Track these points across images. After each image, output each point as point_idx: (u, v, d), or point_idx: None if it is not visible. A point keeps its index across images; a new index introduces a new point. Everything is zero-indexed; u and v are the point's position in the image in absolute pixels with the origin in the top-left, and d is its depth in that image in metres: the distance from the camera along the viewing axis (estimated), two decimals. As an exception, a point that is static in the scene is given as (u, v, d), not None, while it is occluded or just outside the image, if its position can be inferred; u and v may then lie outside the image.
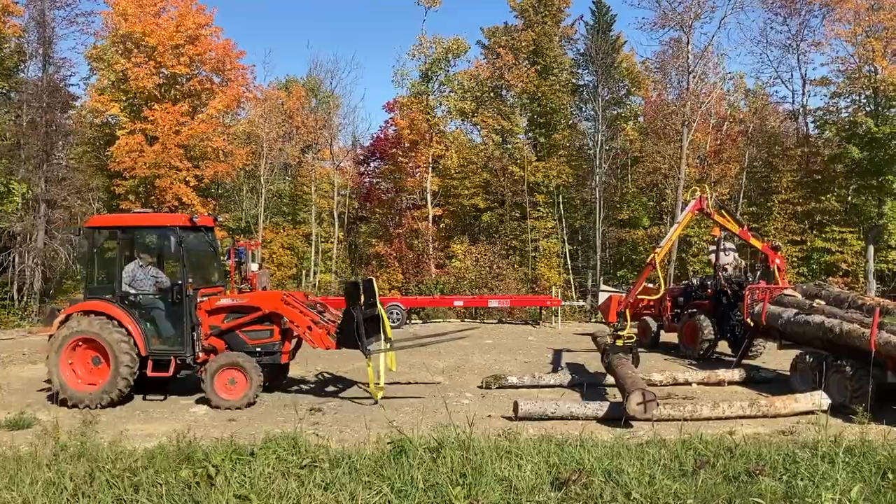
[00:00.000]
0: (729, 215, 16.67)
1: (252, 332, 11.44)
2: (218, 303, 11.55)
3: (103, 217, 13.75)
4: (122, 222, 11.80)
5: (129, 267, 11.29)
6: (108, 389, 10.67)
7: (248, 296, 12.23)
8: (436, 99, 36.81)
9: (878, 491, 6.12)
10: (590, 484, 6.13)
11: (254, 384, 10.82)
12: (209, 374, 10.85)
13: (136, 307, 11.15)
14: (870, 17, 30.90)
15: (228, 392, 10.84)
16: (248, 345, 11.37)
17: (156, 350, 11.05)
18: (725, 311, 16.28)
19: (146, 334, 10.96)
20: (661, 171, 36.72)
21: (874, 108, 31.78)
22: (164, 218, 13.13)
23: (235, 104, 35.00)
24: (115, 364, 10.63)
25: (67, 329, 10.86)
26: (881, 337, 10.22)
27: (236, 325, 11.40)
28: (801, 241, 33.61)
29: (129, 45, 31.26)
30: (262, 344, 11.43)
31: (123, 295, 11.11)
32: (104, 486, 5.92)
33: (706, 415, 10.11)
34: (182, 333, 11.08)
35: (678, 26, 33.91)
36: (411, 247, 36.37)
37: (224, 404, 10.70)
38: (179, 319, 11.09)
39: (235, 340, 11.40)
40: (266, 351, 11.44)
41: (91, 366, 10.95)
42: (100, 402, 10.65)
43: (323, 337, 11.18)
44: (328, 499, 5.69)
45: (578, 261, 39.56)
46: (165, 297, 11.21)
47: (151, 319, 11.20)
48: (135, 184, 30.94)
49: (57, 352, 10.76)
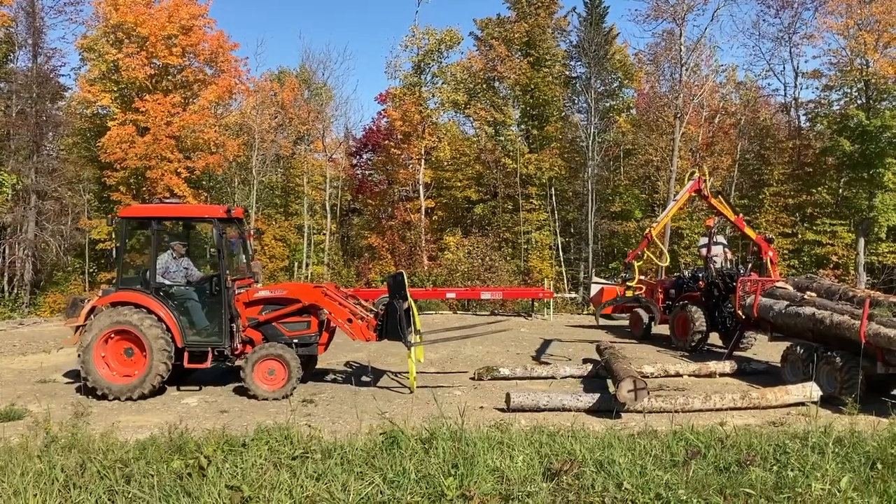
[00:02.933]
0: (725, 202, 16.80)
1: (289, 323, 11.45)
2: (256, 294, 11.53)
3: (138, 207, 13.58)
4: (159, 213, 11.63)
5: (163, 257, 11.24)
6: (143, 381, 10.60)
7: (288, 287, 12.19)
8: (428, 90, 36.78)
9: (868, 481, 6.16)
10: (581, 474, 6.15)
11: (293, 375, 10.83)
12: (249, 365, 10.84)
13: (171, 298, 11.09)
14: (862, 10, 30.99)
15: (268, 382, 10.86)
16: (285, 336, 11.37)
17: (192, 342, 11.00)
18: (717, 303, 16.33)
19: (182, 326, 10.90)
20: (653, 164, 36.82)
21: (865, 101, 31.89)
22: (202, 209, 13.03)
23: (228, 95, 34.87)
24: (151, 356, 10.56)
25: (102, 320, 10.73)
26: (871, 328, 10.27)
27: (274, 317, 11.41)
28: (792, 234, 33.76)
29: (120, 35, 31.09)
30: (299, 336, 11.43)
31: (158, 286, 11.06)
32: (95, 477, 5.90)
33: (698, 406, 10.15)
34: (220, 325, 11.02)
35: (671, 18, 33.98)
36: (404, 239, 36.37)
37: (263, 395, 10.72)
38: (217, 311, 11.04)
39: (272, 332, 11.40)
40: (302, 342, 11.45)
41: (124, 357, 10.84)
42: (134, 394, 10.60)
43: (363, 329, 11.24)
44: (320, 489, 5.69)
45: (570, 253, 39.62)
46: (203, 289, 11.20)
47: (188, 311, 11.15)
48: (126, 175, 30.80)
49: (90, 343, 10.63)
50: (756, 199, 35.45)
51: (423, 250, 35.42)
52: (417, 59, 36.20)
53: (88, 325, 10.83)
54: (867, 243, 31.82)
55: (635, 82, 40.30)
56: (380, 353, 14.33)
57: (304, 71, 44.03)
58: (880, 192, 31.09)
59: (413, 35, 35.98)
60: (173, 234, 12.08)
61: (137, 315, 10.67)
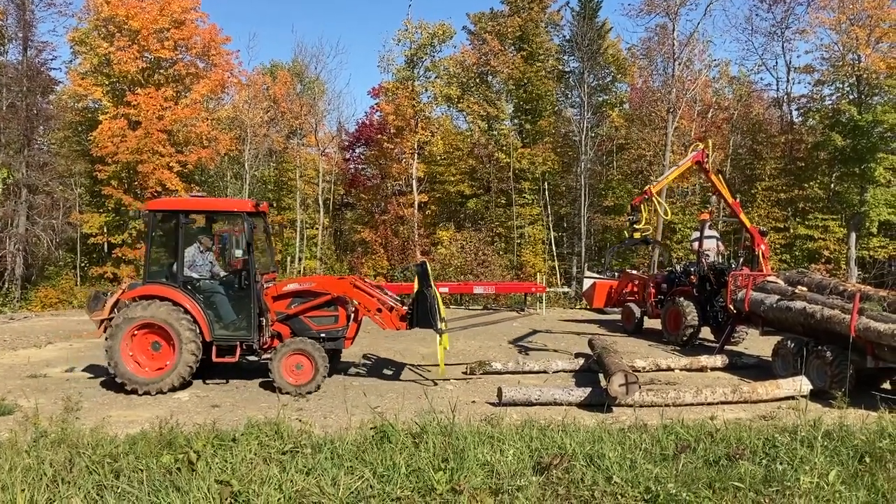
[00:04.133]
0: (725, 182, 16.98)
1: (317, 317, 11.45)
2: (284, 288, 11.53)
3: (166, 200, 13.45)
4: (188, 206, 11.59)
5: (190, 251, 11.20)
6: (171, 375, 10.58)
7: (317, 280, 12.17)
8: (421, 85, 36.70)
9: (856, 474, 6.19)
10: (571, 468, 6.16)
11: (320, 370, 10.85)
12: (277, 359, 10.84)
13: (199, 292, 11.04)
14: (854, 6, 31.05)
15: (295, 377, 10.87)
16: (313, 330, 11.37)
17: (221, 336, 10.96)
18: (708, 297, 16.37)
19: (210, 319, 10.86)
20: (646, 158, 36.85)
21: (857, 96, 31.97)
22: (231, 203, 12.96)
23: (220, 89, 34.73)
24: (180, 350, 10.52)
25: (130, 314, 10.67)
26: (861, 322, 10.32)
27: (302, 311, 11.39)
28: (784, 228, 33.85)
29: (111, 29, 30.90)
30: (326, 329, 11.44)
31: (186, 280, 11.01)
32: (84, 471, 5.89)
33: (689, 401, 10.18)
34: (249, 319, 10.97)
35: (664, 13, 34.03)
36: (396, 233, 36.34)
37: (291, 389, 10.71)
38: (246, 305, 10.98)
39: (300, 326, 11.40)
40: (330, 336, 11.45)
41: (150, 351, 10.79)
42: (163, 388, 10.57)
43: (393, 319, 11.29)
44: (310, 484, 5.69)
45: (563, 247, 39.65)
46: (230, 283, 11.16)
47: (215, 305, 11.10)
48: (117, 169, 30.65)
49: (118, 337, 10.57)
50: (748, 194, 35.51)
51: (415, 245, 35.40)
52: (410, 53, 36.13)
53: (115, 319, 10.77)
54: (858, 238, 31.93)
55: (628, 77, 40.31)
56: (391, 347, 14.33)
57: (296, 65, 43.90)
58: (871, 186, 31.20)
59: (406, 29, 35.92)
60: (199, 228, 12.03)
61: (166, 309, 10.61)
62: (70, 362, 13.25)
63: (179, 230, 11.06)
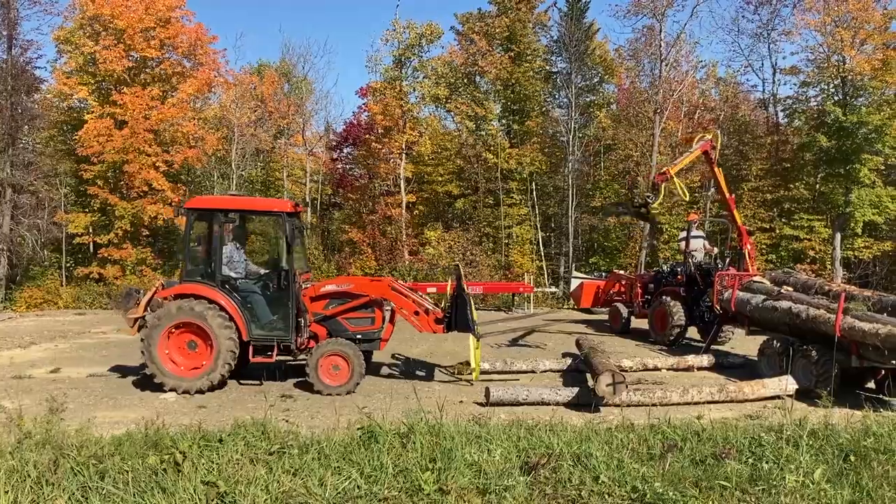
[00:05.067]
0: (723, 177, 17.14)
1: (354, 318, 11.44)
2: (322, 289, 11.51)
3: (205, 199, 13.36)
4: (227, 205, 11.51)
5: (227, 249, 11.18)
6: (209, 375, 10.54)
7: (355, 281, 12.16)
8: (409, 85, 36.63)
9: (841, 473, 6.23)
10: (558, 468, 6.18)
11: (356, 371, 10.86)
12: (314, 360, 10.83)
13: (236, 291, 11.00)
14: (838, 7, 31.25)
15: (332, 378, 10.87)
16: (350, 332, 11.36)
17: (258, 335, 10.92)
18: (695, 297, 16.44)
19: (247, 319, 10.82)
20: (633, 159, 36.97)
21: (842, 97, 32.18)
22: (270, 203, 12.89)
23: (206, 88, 34.52)
24: (218, 349, 10.48)
25: (168, 313, 10.61)
26: (846, 322, 10.40)
27: (339, 312, 11.39)
28: (770, 229, 34.03)
29: (97, 28, 30.69)
30: (363, 331, 11.43)
31: (224, 279, 10.96)
32: (69, 473, 5.84)
33: (675, 400, 10.23)
34: (287, 319, 10.94)
35: (651, 14, 34.10)
36: (384, 233, 36.28)
37: (328, 390, 10.72)
38: (284, 305, 10.96)
39: (336, 327, 11.39)
40: (366, 338, 11.44)
41: (186, 350, 10.75)
42: (200, 388, 10.54)
43: (430, 322, 11.33)
44: (297, 484, 5.67)
45: (551, 247, 39.72)
46: (267, 282, 11.12)
47: (252, 304, 11.05)
48: (103, 168, 30.43)
49: (155, 335, 10.52)
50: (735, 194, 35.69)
51: (403, 245, 35.36)
52: (398, 53, 36.05)
53: (152, 317, 10.70)
54: (843, 238, 32.16)
55: (615, 78, 40.40)
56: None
57: (283, 64, 43.76)
58: (856, 187, 31.40)
59: (394, 29, 35.82)
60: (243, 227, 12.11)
61: (204, 308, 10.56)
62: (55, 363, 13.15)
63: (218, 229, 11.06)
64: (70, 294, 28.87)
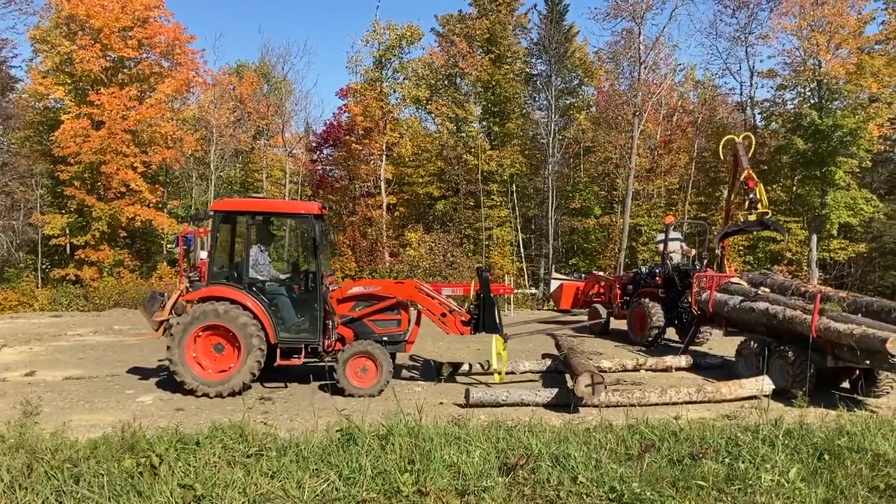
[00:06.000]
0: None
1: (380, 321, 11.38)
2: (349, 291, 11.45)
3: (232, 201, 13.22)
4: (255, 208, 11.36)
5: (252, 251, 11.08)
6: (235, 377, 10.44)
7: (382, 284, 12.06)
8: (390, 86, 36.61)
9: (815, 472, 6.30)
10: (537, 469, 6.19)
11: (384, 373, 10.79)
12: (342, 363, 10.76)
13: (263, 293, 10.90)
14: (814, 12, 31.62)
15: (360, 380, 10.82)
16: (376, 334, 11.30)
17: (285, 338, 10.83)
18: (673, 298, 16.55)
19: (275, 322, 10.74)
20: (612, 161, 37.20)
21: (818, 100, 32.55)
22: (298, 206, 12.78)
23: (185, 89, 34.33)
24: (246, 352, 10.39)
25: (195, 315, 10.49)
26: (821, 323, 10.50)
27: (367, 314, 11.33)
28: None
29: (73, 27, 30.39)
30: (389, 333, 11.39)
31: (251, 281, 10.88)
32: (42, 477, 5.77)
33: (654, 400, 10.28)
34: (315, 321, 10.84)
35: (630, 17, 34.31)
36: (365, 235, 36.22)
37: (356, 392, 10.67)
38: (311, 307, 10.86)
39: (363, 329, 11.32)
40: (392, 340, 11.41)
41: (213, 353, 10.63)
42: (227, 391, 10.44)
43: (457, 323, 11.30)
44: (274, 487, 5.64)
45: (531, 249, 39.85)
46: (293, 285, 11.06)
47: (279, 306, 10.97)
48: (80, 169, 30.15)
49: (182, 338, 10.40)
50: (712, 196, 36.00)
51: (384, 246, 35.32)
52: (378, 54, 36.03)
53: (179, 320, 10.61)
54: (819, 240, 32.52)
55: (595, 80, 40.61)
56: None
57: (263, 65, 43.53)
58: (832, 189, 31.76)
59: (374, 30, 35.81)
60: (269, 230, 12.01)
61: (231, 311, 10.47)
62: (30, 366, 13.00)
63: (246, 231, 11.01)
64: (46, 296, 28.55)
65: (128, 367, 12.97)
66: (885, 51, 31.93)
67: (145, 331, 18.28)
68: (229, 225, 11.64)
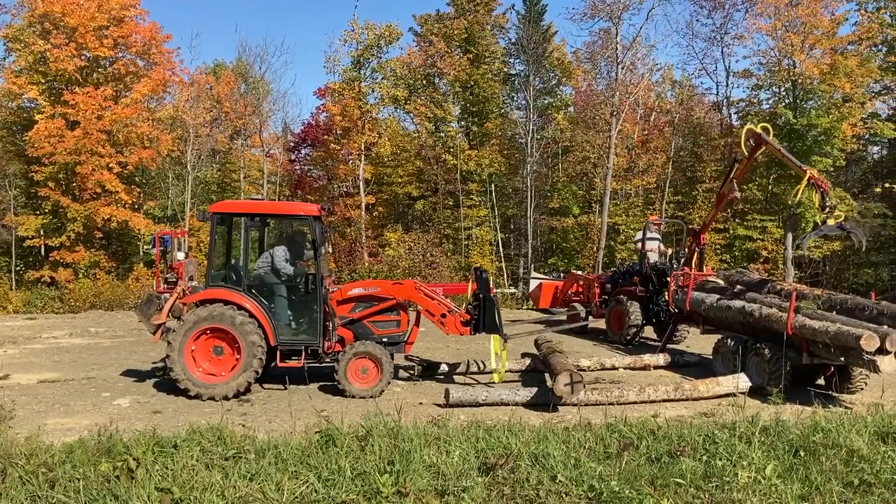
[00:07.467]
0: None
1: (380, 322, 11.36)
2: (349, 292, 11.41)
3: (231, 203, 13.04)
4: (253, 209, 11.34)
5: (279, 251, 11.07)
6: (235, 380, 10.36)
7: (381, 284, 12.00)
8: (368, 86, 36.51)
9: (791, 468, 6.38)
10: (516, 468, 6.21)
11: (385, 374, 10.76)
12: (343, 364, 10.70)
13: (263, 295, 10.83)
14: (789, 13, 31.94)
15: (361, 381, 10.77)
16: (376, 335, 11.28)
17: (285, 340, 10.77)
18: (651, 297, 16.66)
19: (275, 324, 10.66)
20: (590, 161, 37.35)
21: (793, 100, 32.88)
22: (298, 207, 12.71)
23: (161, 89, 33.95)
24: (246, 355, 10.31)
25: (195, 317, 10.39)
26: (797, 320, 10.63)
27: (366, 315, 11.30)
28: (723, 229, 34.63)
29: (47, 26, 29.99)
30: (389, 334, 11.37)
31: (251, 283, 10.81)
32: (17, 482, 5.70)
33: (632, 399, 10.35)
34: (315, 323, 10.80)
35: (607, 17, 34.44)
36: (344, 235, 36.11)
37: (357, 393, 10.61)
38: (311, 309, 10.82)
39: (363, 330, 11.30)
40: (392, 341, 11.38)
41: (212, 355, 10.54)
42: (227, 394, 10.35)
43: (457, 324, 11.30)
44: (253, 489, 5.61)
45: (510, 249, 39.93)
46: (293, 286, 10.98)
47: (279, 308, 10.91)
48: (54, 170, 29.76)
49: (182, 341, 10.30)
50: (689, 196, 36.28)
51: (363, 246, 35.23)
52: (357, 53, 35.90)
53: (179, 323, 10.52)
54: (794, 238, 32.86)
55: (573, 80, 40.76)
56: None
57: (240, 64, 43.22)
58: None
59: (352, 29, 35.66)
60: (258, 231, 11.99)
61: (231, 313, 10.39)
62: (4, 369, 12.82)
63: (244, 233, 10.97)
64: (20, 298, 28.14)
65: (104, 370, 12.84)
66: (857, 51, 32.29)
67: (121, 332, 18.13)
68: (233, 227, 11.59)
